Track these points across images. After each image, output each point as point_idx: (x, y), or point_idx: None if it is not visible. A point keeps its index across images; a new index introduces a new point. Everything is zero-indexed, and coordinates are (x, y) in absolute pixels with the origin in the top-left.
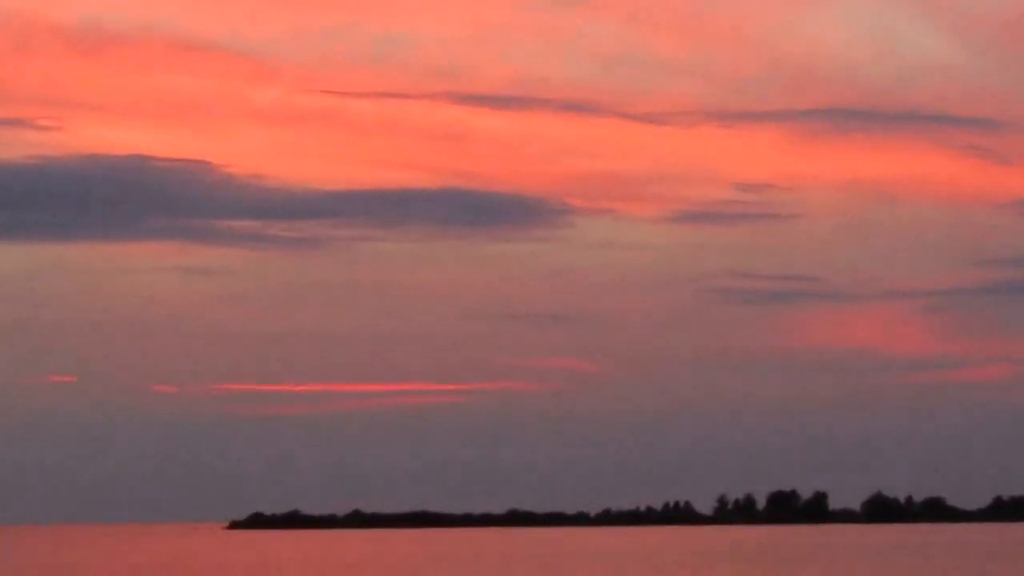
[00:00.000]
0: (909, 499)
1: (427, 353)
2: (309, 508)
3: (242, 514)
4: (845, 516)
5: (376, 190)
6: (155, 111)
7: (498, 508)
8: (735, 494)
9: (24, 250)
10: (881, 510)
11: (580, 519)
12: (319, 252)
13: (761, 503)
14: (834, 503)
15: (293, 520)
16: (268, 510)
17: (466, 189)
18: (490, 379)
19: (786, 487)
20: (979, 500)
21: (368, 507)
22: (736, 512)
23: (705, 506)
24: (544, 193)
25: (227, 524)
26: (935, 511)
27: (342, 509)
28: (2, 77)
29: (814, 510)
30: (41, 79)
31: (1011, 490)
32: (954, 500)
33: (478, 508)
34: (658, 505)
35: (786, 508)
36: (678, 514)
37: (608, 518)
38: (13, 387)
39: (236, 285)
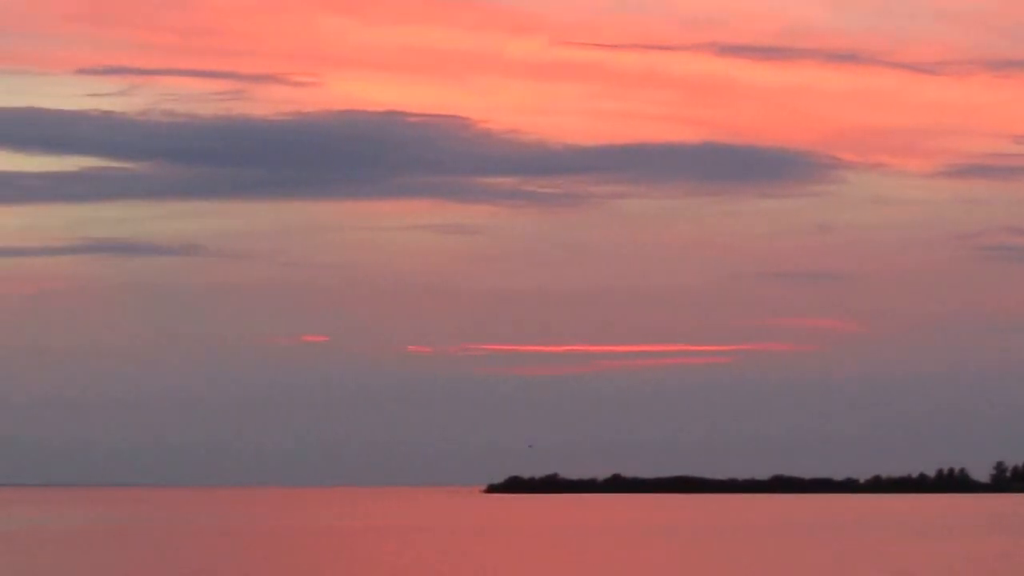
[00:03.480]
0: None
1: (688, 313)
2: (567, 472)
3: (500, 478)
4: None
5: (636, 144)
6: (411, 66)
7: (762, 473)
8: (1014, 461)
9: (277, 208)
10: None
11: (848, 485)
12: (577, 209)
13: None
14: None
15: (551, 484)
16: (526, 474)
17: (729, 143)
18: (753, 340)
19: None
20: None
21: (628, 471)
22: (1015, 480)
23: (982, 473)
24: (811, 147)
25: (485, 488)
26: None
27: (601, 473)
28: (257, 33)
29: None
30: (296, 34)
31: None
32: None
33: (742, 473)
34: (931, 472)
35: None
36: (952, 481)
37: (878, 485)
38: (267, 347)
39: (491, 243)
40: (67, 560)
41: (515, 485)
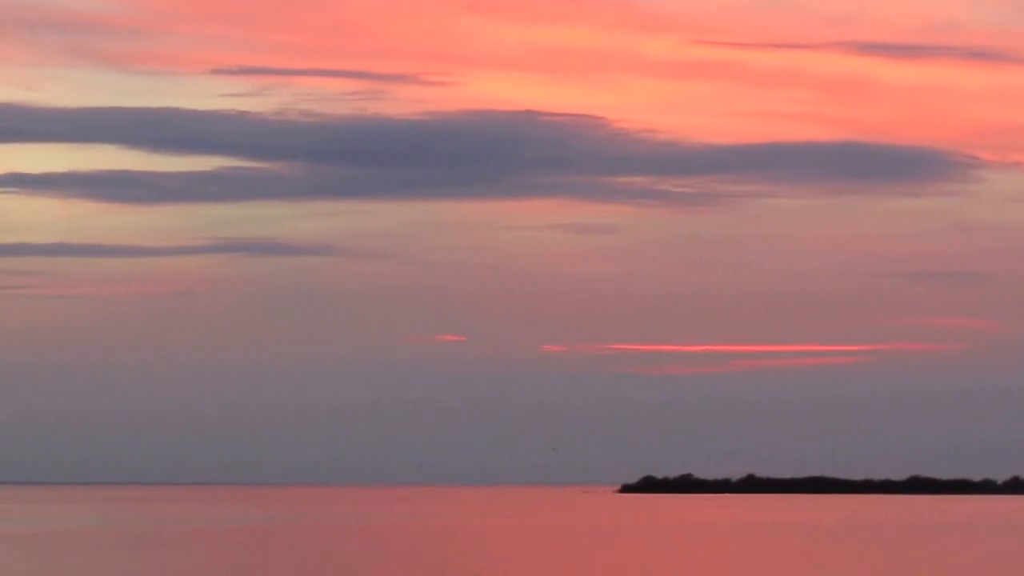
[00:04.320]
0: None
1: (824, 313)
2: (701, 472)
3: (634, 477)
4: None
5: (772, 143)
6: (547, 65)
7: (899, 474)
8: None
9: (411, 207)
10: None
11: (986, 487)
12: (712, 208)
13: None
14: None
15: (685, 484)
16: (660, 474)
17: (866, 142)
18: (890, 340)
19: None
20: None
21: (762, 471)
22: None
23: None
24: (950, 146)
25: (618, 487)
26: None
27: (736, 473)
28: (393, 33)
29: None
30: (432, 34)
31: None
32: None
33: (877, 474)
34: None
35: None
36: None
37: (1017, 486)
38: (403, 346)
39: (626, 242)
40: (225, 558)
41: (649, 485)
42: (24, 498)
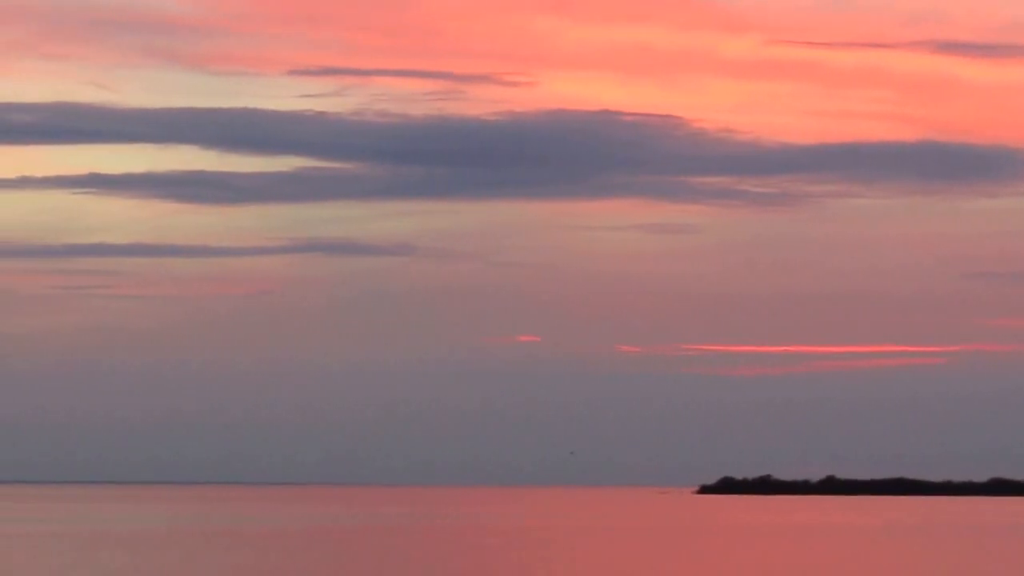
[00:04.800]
0: None
1: (904, 313)
2: (780, 473)
3: (712, 478)
4: None
5: (852, 143)
6: (624, 65)
7: (980, 475)
8: None
9: (489, 207)
10: None
11: None
12: (791, 208)
13: None
14: None
15: (764, 485)
16: (738, 475)
17: (947, 142)
18: (971, 340)
19: None
20: None
21: (842, 472)
22: None
23: None
24: None
25: (696, 489)
26: None
27: (815, 475)
28: (470, 33)
29: None
30: (510, 34)
31: None
32: None
33: (958, 475)
34: None
35: None
36: None
37: None
38: (480, 347)
39: (704, 243)
40: (315, 558)
41: (727, 486)
42: (102, 497)
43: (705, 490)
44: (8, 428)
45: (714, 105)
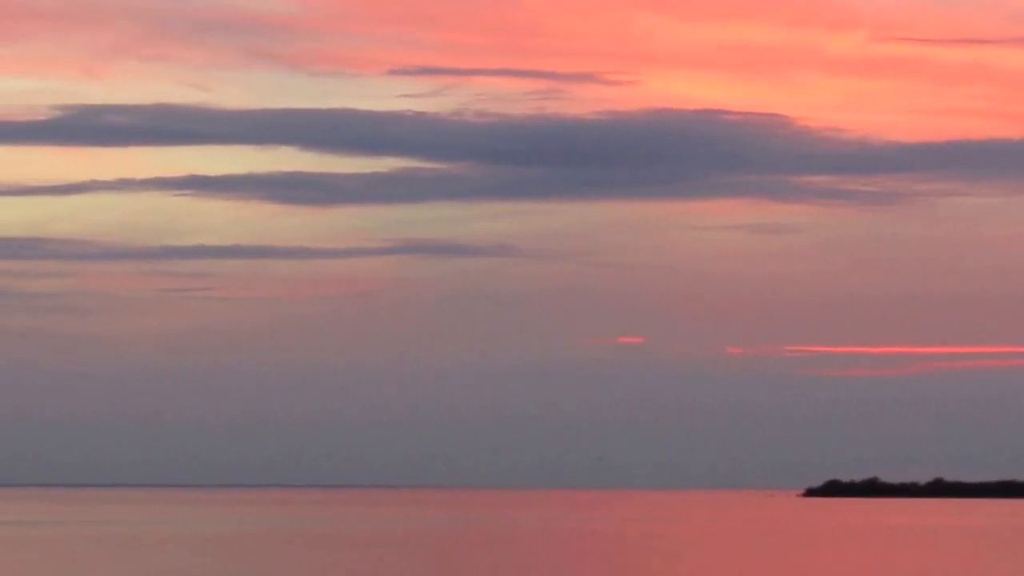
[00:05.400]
0: None
1: (1012, 313)
2: (888, 476)
3: (818, 481)
4: None
5: (958, 141)
6: (728, 63)
7: None
8: None
9: (591, 208)
10: None
11: None
12: (898, 207)
13: None
14: None
15: (871, 488)
16: (845, 477)
17: None
18: None
19: None
20: None
21: (951, 475)
22: None
23: None
24: None
25: (802, 492)
26: None
27: (923, 477)
28: (572, 32)
29: None
30: (612, 33)
31: None
32: None
33: None
34: None
35: None
36: None
37: None
38: (582, 349)
39: (810, 242)
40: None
41: (834, 489)
42: (203, 501)
43: (811, 493)
44: (108, 431)
45: (819, 103)
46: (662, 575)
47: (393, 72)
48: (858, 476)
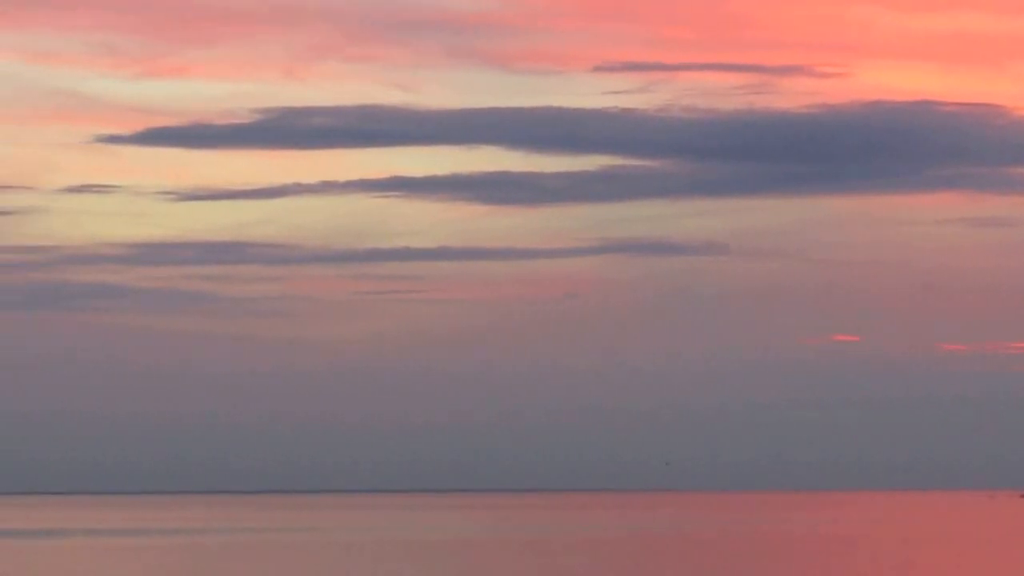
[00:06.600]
0: None
1: None
2: None
3: None
4: None
5: None
6: (943, 53)
7: None
8: None
9: (803, 204)
10: None
11: None
12: None
13: None
14: None
15: None
16: None
17: None
18: None
19: None
20: None
21: None
22: None
23: None
24: None
25: None
26: None
27: None
28: (780, 24)
29: None
30: (822, 24)
31: None
32: None
33: None
34: None
35: None
36: None
37: None
38: (796, 347)
39: None
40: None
41: None
42: (421, 505)
43: None
44: (315, 434)
45: None
46: None
47: (599, 69)
48: None
